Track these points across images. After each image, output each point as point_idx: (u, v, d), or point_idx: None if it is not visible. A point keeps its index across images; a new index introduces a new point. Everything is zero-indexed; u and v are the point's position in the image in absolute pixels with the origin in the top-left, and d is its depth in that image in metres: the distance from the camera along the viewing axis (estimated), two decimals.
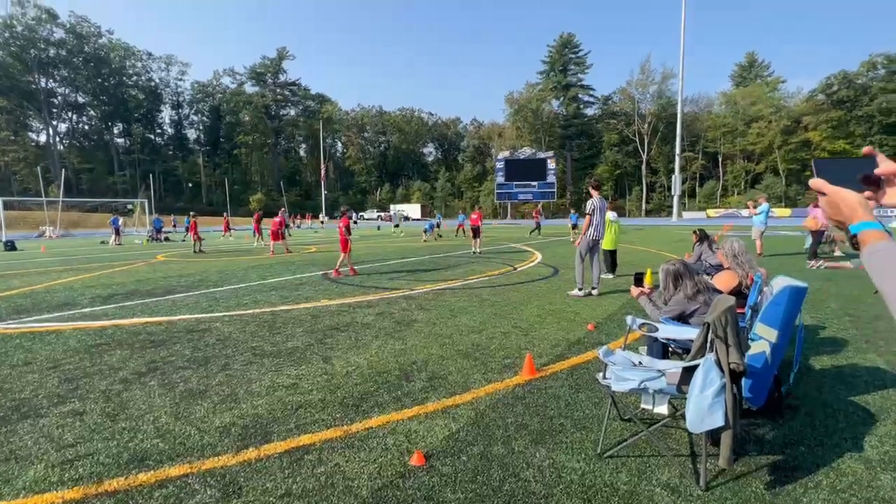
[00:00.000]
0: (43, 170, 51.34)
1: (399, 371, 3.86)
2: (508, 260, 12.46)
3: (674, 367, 2.46)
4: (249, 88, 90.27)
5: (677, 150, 26.68)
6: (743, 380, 2.51)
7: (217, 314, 6.21)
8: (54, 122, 74.58)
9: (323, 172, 55.99)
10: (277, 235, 15.91)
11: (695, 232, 6.57)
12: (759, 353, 2.56)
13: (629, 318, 3.00)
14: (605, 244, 9.53)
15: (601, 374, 2.57)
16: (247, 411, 3.12)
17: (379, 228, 37.12)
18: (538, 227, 25.21)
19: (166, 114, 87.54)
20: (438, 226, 26.24)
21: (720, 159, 68.81)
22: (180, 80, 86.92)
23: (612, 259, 9.36)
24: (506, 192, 68.30)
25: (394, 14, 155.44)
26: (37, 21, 68.83)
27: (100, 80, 75.76)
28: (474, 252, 14.32)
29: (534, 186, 66.05)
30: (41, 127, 73.68)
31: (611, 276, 9.03)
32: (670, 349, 3.22)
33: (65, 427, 2.94)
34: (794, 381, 3.44)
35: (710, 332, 2.25)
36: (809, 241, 10.52)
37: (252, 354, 4.39)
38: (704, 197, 66.71)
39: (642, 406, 2.50)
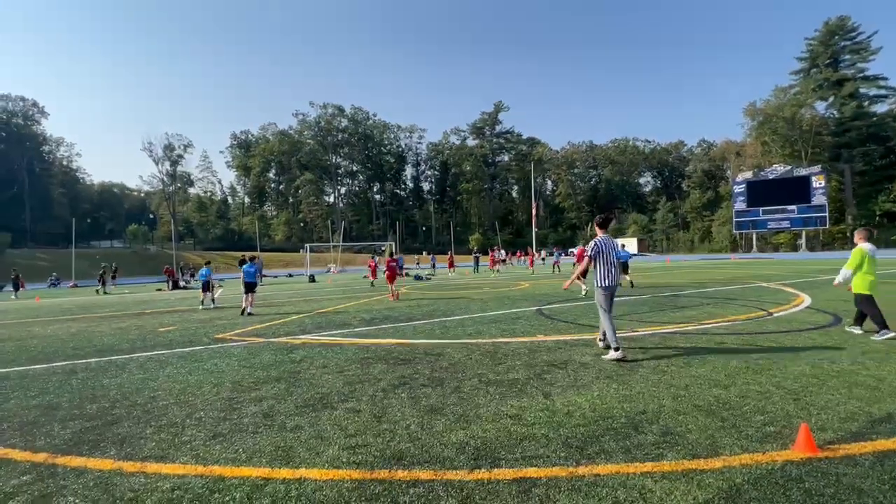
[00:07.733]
0: (330, 222, 69.76)
1: (625, 418, 3.56)
2: (759, 302, 10.14)
3: None
4: (470, 142, 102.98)
5: None
6: None
7: (447, 341, 7.03)
8: (338, 187, 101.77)
9: (534, 211, 57.92)
10: (392, 277, 14.80)
11: None
12: None
13: None
14: (858, 286, 6.31)
15: None
16: (477, 433, 3.39)
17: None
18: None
19: (408, 172, 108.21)
20: (556, 264, 28.78)
21: None
22: (419, 143, 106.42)
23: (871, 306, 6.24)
24: (749, 220, 56.84)
25: (607, 52, 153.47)
26: (332, 116, 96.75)
27: (366, 151, 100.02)
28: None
29: (792, 211, 53.08)
30: (330, 191, 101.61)
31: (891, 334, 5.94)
32: None
33: (348, 420, 3.79)
34: None
35: None
36: None
37: (478, 381, 4.78)
38: None
39: None
